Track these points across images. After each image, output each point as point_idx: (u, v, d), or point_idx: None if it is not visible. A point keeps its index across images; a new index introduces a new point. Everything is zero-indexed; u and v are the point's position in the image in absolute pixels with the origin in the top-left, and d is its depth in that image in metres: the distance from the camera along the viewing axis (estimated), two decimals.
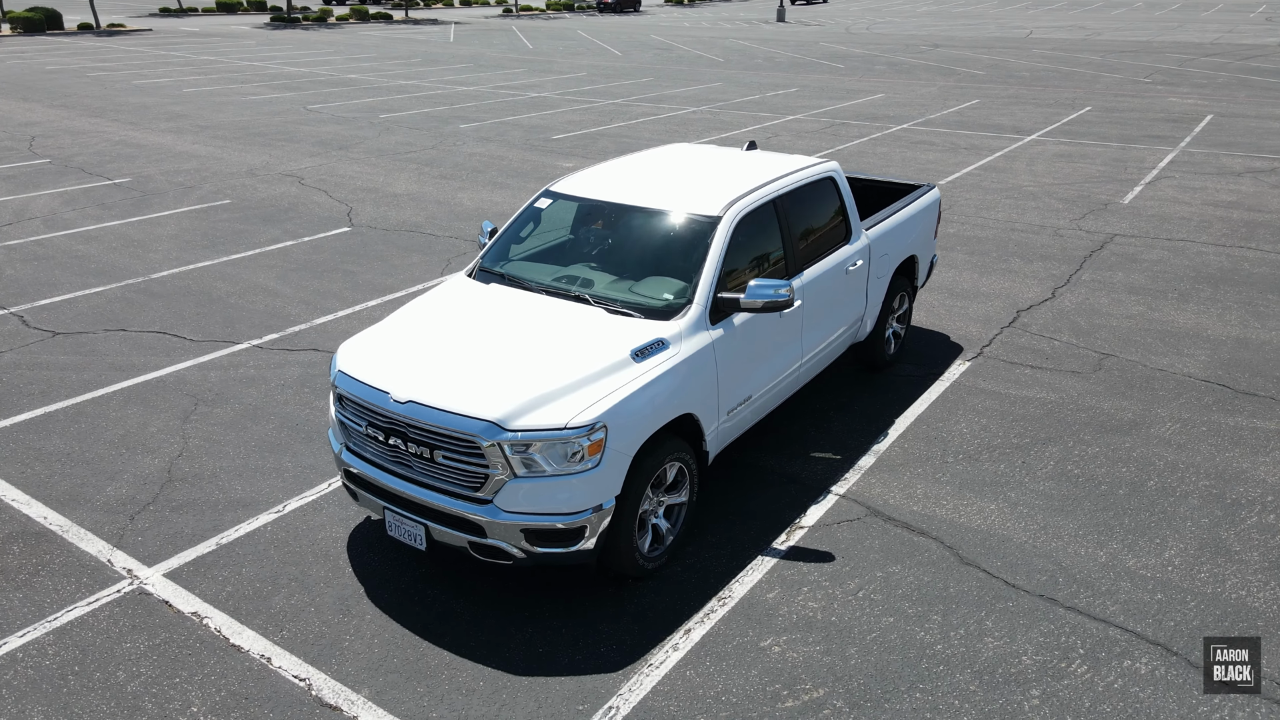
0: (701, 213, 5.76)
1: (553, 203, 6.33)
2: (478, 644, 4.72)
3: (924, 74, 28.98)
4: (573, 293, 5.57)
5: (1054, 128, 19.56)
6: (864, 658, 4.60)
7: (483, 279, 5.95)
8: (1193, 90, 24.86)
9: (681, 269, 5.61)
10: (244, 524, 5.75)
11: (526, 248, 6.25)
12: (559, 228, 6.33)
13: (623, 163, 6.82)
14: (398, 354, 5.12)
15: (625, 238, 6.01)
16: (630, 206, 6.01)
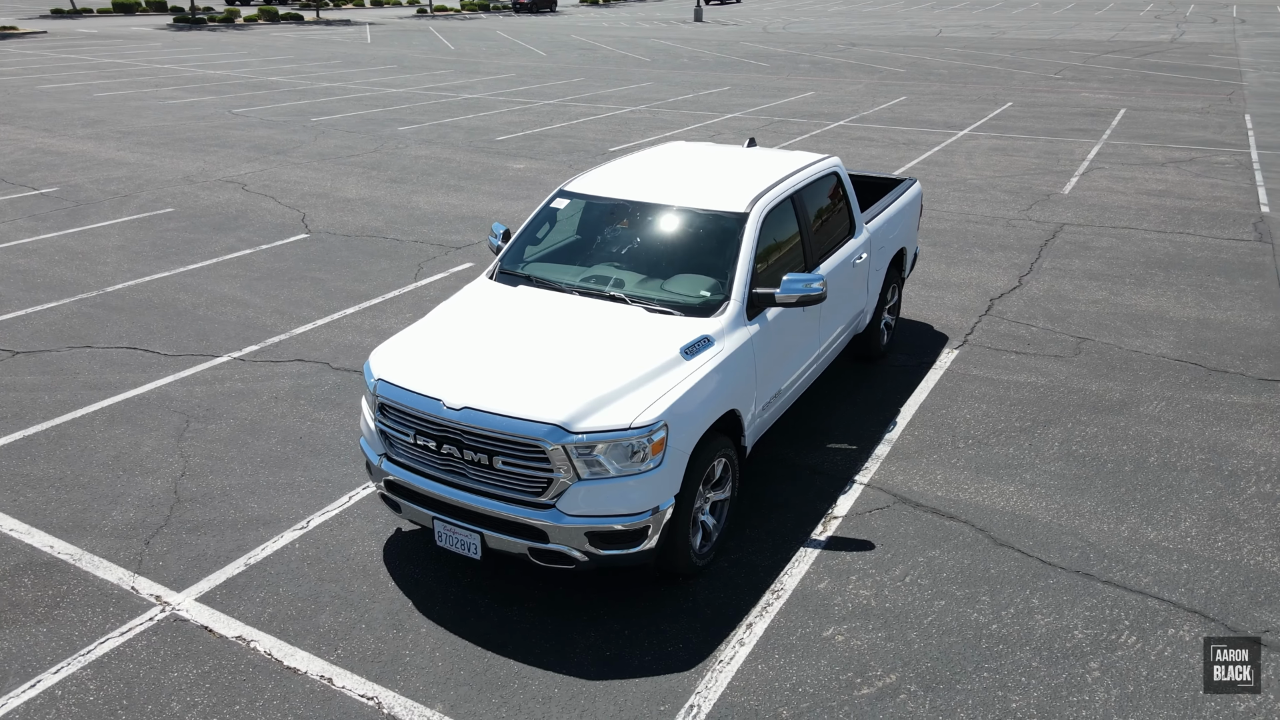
0: (728, 209, 5.79)
1: (569, 203, 6.28)
2: (542, 651, 4.66)
3: (848, 72, 29.63)
4: (607, 292, 5.54)
5: (982, 123, 20.24)
6: (925, 641, 4.71)
7: (509, 281, 5.87)
8: (1102, 85, 26.03)
9: (712, 266, 5.64)
10: (269, 542, 5.54)
11: (546, 248, 6.19)
12: (576, 228, 6.28)
13: (631, 162, 6.81)
14: (440, 359, 5.01)
15: (650, 236, 6.00)
16: (654, 205, 6.01)
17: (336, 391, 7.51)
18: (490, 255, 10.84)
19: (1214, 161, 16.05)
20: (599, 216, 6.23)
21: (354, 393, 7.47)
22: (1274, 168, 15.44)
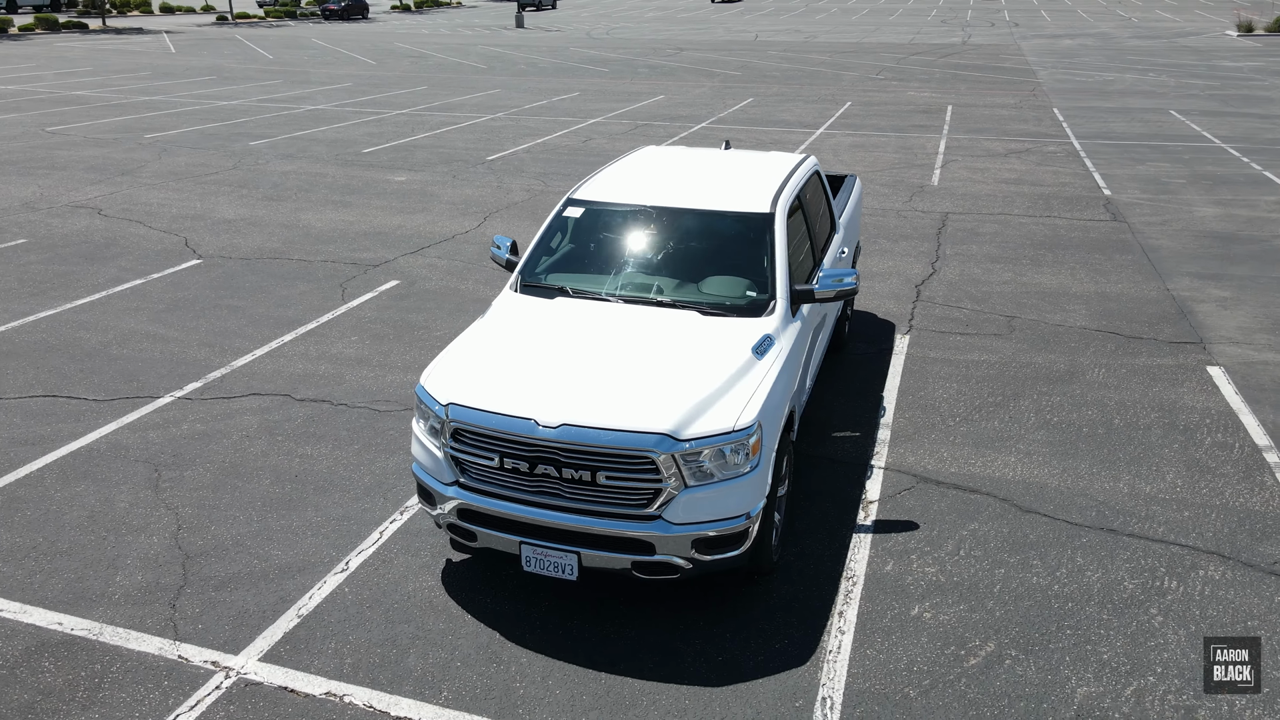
0: (754, 210, 5.90)
1: (583, 211, 6.19)
2: (654, 665, 4.60)
3: (687, 76, 30.41)
4: (652, 298, 5.52)
5: (832, 121, 21.35)
6: (1004, 609, 5.00)
7: (542, 294, 5.72)
8: (922, 85, 28.04)
9: (745, 266, 5.74)
10: (314, 590, 5.15)
11: (567, 258, 6.07)
12: (593, 235, 6.19)
13: (627, 168, 6.79)
14: (512, 377, 4.83)
15: (677, 240, 6.02)
16: (678, 209, 6.03)
17: (313, 424, 7.04)
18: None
19: (1046, 151, 17.68)
20: (617, 223, 6.17)
21: (333, 424, 7.03)
22: (1097, 155, 17.19)
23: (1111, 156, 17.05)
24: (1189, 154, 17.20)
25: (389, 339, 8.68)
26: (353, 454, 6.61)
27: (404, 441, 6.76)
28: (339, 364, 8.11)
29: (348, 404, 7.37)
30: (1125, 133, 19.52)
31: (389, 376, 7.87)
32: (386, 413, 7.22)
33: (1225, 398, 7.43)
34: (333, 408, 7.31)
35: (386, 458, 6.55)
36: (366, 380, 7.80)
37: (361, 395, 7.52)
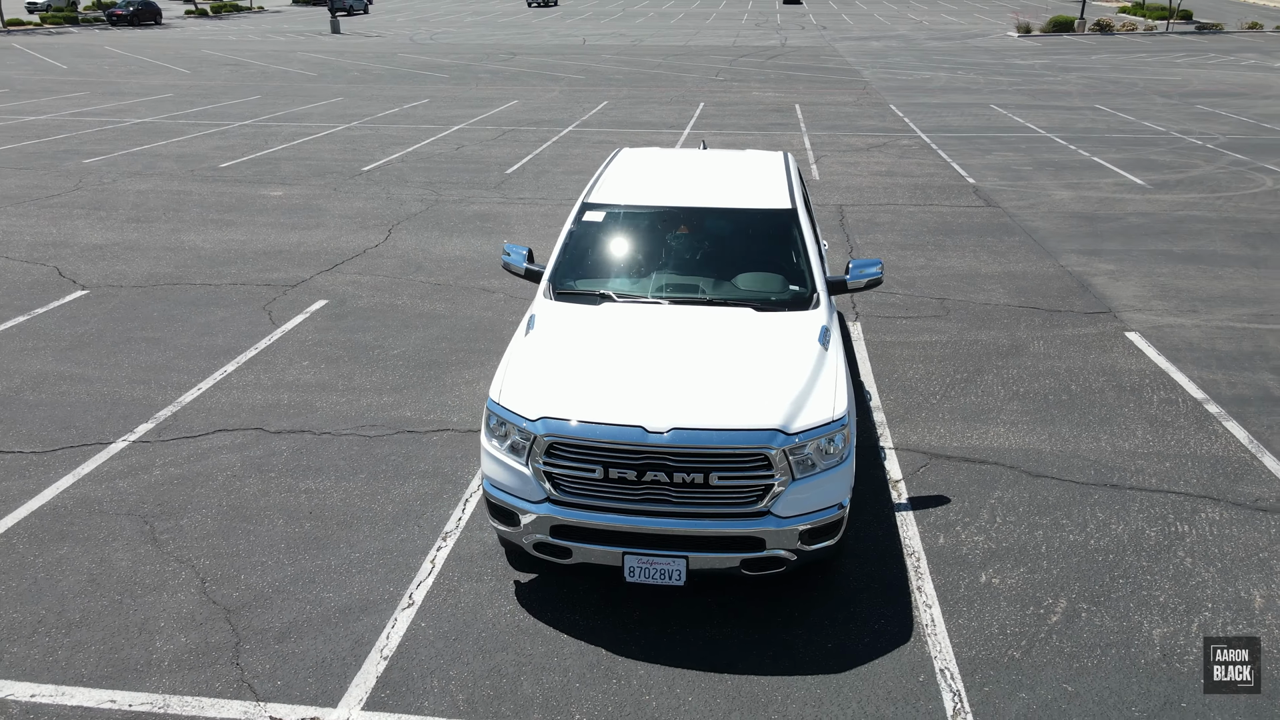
0: (777, 206, 6.03)
1: (605, 215, 6.10)
2: (770, 660, 4.63)
3: (531, 80, 30.25)
4: (701, 298, 5.53)
5: (694, 121, 21.86)
6: (1059, 567, 5.37)
7: (583, 300, 5.59)
8: (763, 85, 29.19)
9: (778, 262, 5.86)
10: (387, 628, 4.84)
11: (595, 262, 5.97)
12: (615, 239, 6.10)
13: (626, 170, 6.74)
14: (599, 387, 4.72)
15: (705, 239, 6.04)
16: (703, 208, 6.07)
17: (303, 457, 6.56)
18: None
19: (902, 145, 18.87)
20: (641, 225, 6.12)
21: (325, 455, 6.58)
22: (947, 147, 18.53)
23: (959, 148, 18.42)
24: (1024, 144, 18.83)
25: (345, 361, 8.20)
26: (361, 485, 6.22)
27: (413, 466, 6.43)
28: (301, 391, 7.59)
29: (331, 432, 6.92)
30: (962, 125, 21.12)
31: (363, 400, 7.44)
32: (378, 438, 6.83)
33: (1152, 359, 8.25)
34: (316, 438, 6.84)
35: (400, 484, 6.21)
36: (340, 406, 7.34)
37: (342, 422, 7.07)
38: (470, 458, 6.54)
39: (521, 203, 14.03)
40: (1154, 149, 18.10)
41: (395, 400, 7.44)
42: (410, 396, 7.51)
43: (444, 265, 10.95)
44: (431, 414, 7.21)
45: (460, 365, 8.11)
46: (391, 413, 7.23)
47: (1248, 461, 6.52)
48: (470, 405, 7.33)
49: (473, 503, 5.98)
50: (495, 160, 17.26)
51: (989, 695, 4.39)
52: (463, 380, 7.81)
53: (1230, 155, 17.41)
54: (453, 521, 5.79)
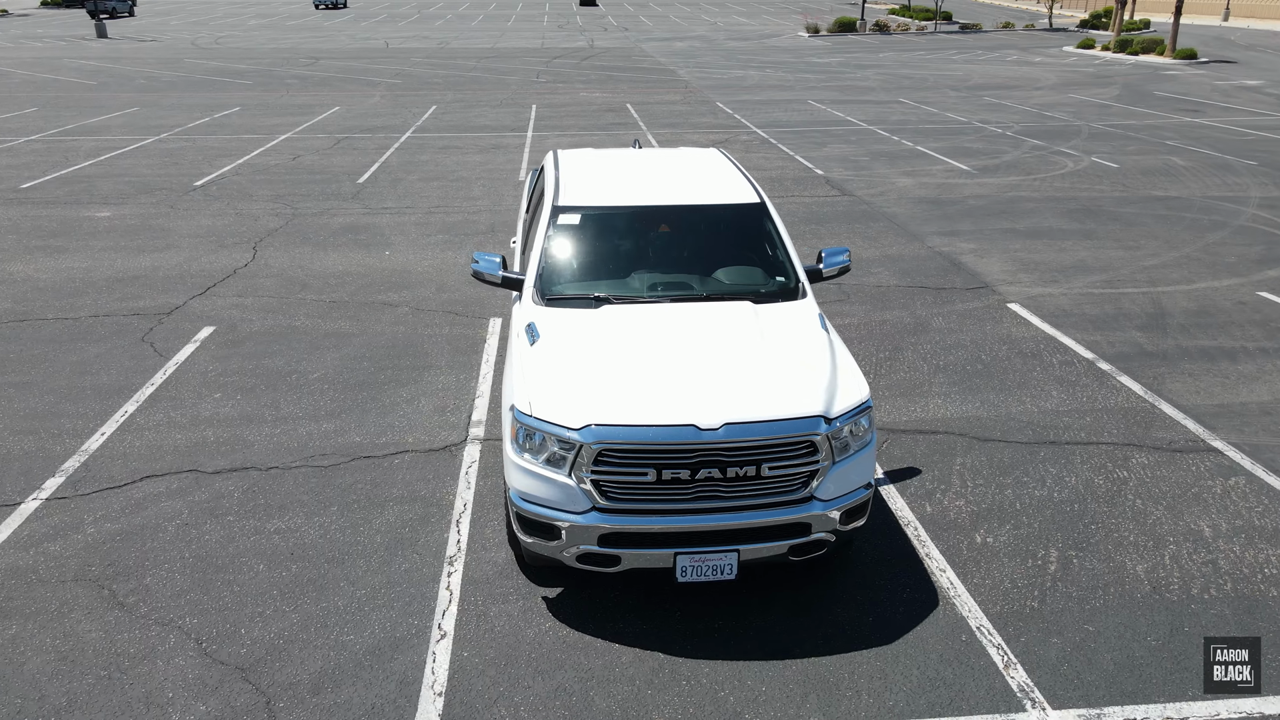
0: (746, 201, 6.15)
1: (581, 218, 5.99)
2: (824, 642, 4.74)
3: (346, 85, 28.99)
4: (699, 294, 5.57)
5: (534, 123, 21.72)
6: (1036, 521, 5.82)
7: (579, 305, 5.47)
8: (587, 86, 29.39)
9: (756, 254, 5.98)
10: (429, 664, 4.57)
11: (578, 265, 5.85)
12: (593, 240, 5.99)
13: (581, 171, 6.63)
14: (633, 390, 4.65)
15: (681, 236, 6.06)
16: (676, 206, 6.08)
17: (258, 494, 6.05)
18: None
19: (743, 140, 19.60)
20: (618, 225, 6.06)
21: (281, 492, 6.10)
22: (785, 141, 19.43)
23: (796, 142, 19.35)
24: (853, 136, 20.04)
25: (262, 390, 7.60)
26: (336, 518, 5.81)
27: (384, 493, 6.07)
28: (227, 426, 6.98)
29: (279, 466, 6.41)
30: (791, 120, 22.19)
31: (300, 430, 6.93)
32: (335, 468, 6.39)
33: (1038, 326, 9.06)
34: (264, 474, 6.32)
35: (379, 513, 5.85)
36: (277, 438, 6.81)
37: (287, 455, 6.57)
38: (443, 477, 6.26)
39: (388, 213, 13.46)
40: (965, 138, 19.76)
41: (337, 426, 6.98)
42: (352, 421, 7.07)
43: (331, 282, 10.34)
44: (383, 437, 6.83)
45: (393, 384, 7.71)
46: (338, 439, 6.78)
47: (1150, 410, 7.31)
48: (421, 424, 7.00)
49: (467, 524, 5.74)
50: (340, 170, 16.44)
51: (1028, 645, 4.71)
52: (402, 399, 7.44)
53: (1030, 141, 19.29)
54: (452, 545, 5.53)
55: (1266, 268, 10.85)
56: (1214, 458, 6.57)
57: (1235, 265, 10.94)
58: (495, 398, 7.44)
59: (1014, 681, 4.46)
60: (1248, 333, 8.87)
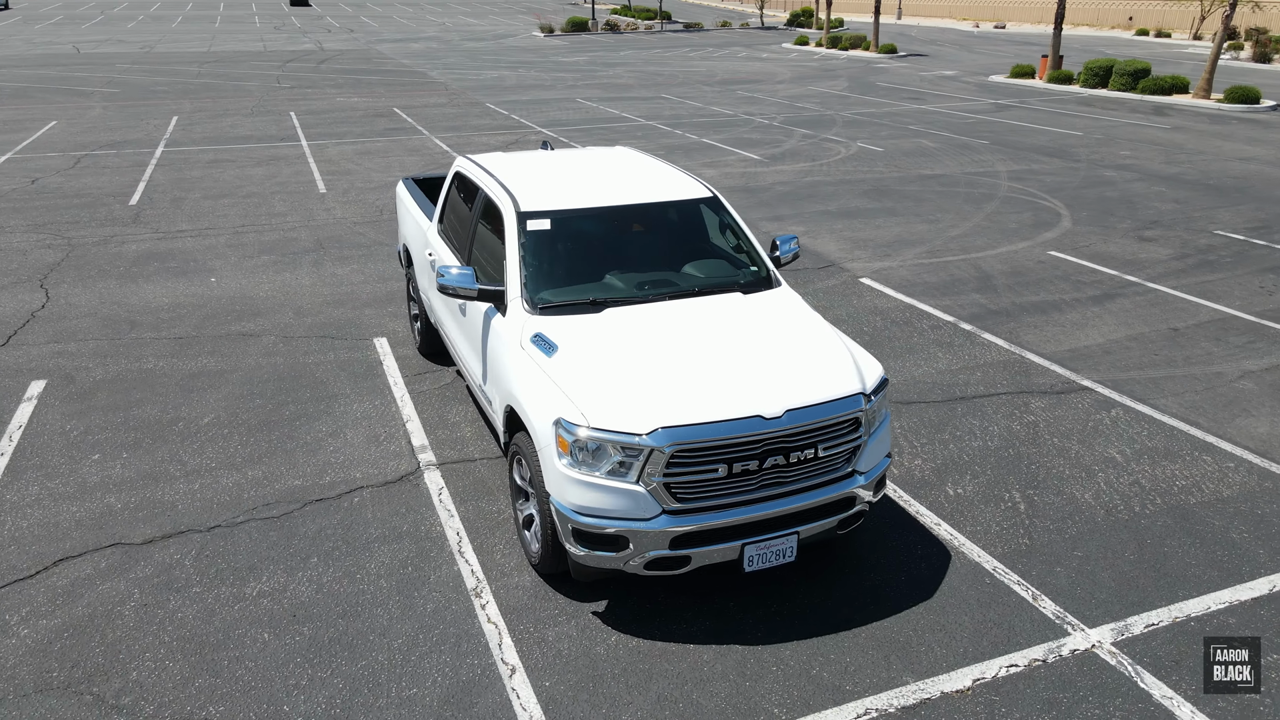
0: (698, 195, 6.23)
1: (550, 223, 5.78)
2: (875, 607, 4.98)
3: (53, 97, 25.53)
4: (691, 289, 5.60)
5: (305, 133, 20.35)
6: (988, 469, 6.42)
7: (576, 311, 5.30)
8: (341, 90, 27.88)
9: (725, 246, 6.12)
10: (515, 702, 4.30)
11: (564, 271, 5.65)
12: (564, 244, 5.80)
13: (518, 175, 6.38)
14: (684, 389, 4.61)
15: (648, 233, 6.04)
16: (639, 205, 6.04)
17: (212, 559, 5.34)
18: None
19: (536, 140, 19.55)
20: (586, 228, 5.90)
21: (247, 553, 5.42)
22: (578, 139, 19.62)
23: (588, 139, 19.60)
24: (638, 132, 20.62)
25: (150, 444, 6.67)
26: (322, 569, 5.27)
27: (362, 535, 5.58)
28: (128, 490, 6.07)
29: (223, 524, 5.69)
30: (571, 119, 22.41)
31: (223, 481, 6.17)
32: (289, 516, 5.77)
33: (896, 297, 9.91)
34: (208, 535, 5.58)
35: (369, 557, 5.37)
36: (200, 494, 6.02)
37: (222, 511, 5.83)
38: (416, 509, 5.85)
39: (186, 236, 12.12)
40: (741, 129, 20.96)
41: (266, 472, 6.28)
42: (280, 464, 6.39)
43: (164, 317, 9.20)
44: (325, 476, 6.24)
45: (304, 419, 7.04)
46: (275, 486, 6.11)
47: (1021, 360, 8.27)
48: (360, 457, 6.48)
49: (472, 553, 5.41)
50: (100, 191, 14.55)
51: (1040, 578, 5.23)
52: (324, 434, 6.82)
53: (798, 130, 20.83)
54: (469, 577, 5.20)
55: (1043, 231, 12.54)
56: (1089, 395, 7.57)
57: (1019, 230, 12.54)
58: (429, 420, 7.03)
59: (1047, 611, 4.95)
60: (1058, 287, 10.24)
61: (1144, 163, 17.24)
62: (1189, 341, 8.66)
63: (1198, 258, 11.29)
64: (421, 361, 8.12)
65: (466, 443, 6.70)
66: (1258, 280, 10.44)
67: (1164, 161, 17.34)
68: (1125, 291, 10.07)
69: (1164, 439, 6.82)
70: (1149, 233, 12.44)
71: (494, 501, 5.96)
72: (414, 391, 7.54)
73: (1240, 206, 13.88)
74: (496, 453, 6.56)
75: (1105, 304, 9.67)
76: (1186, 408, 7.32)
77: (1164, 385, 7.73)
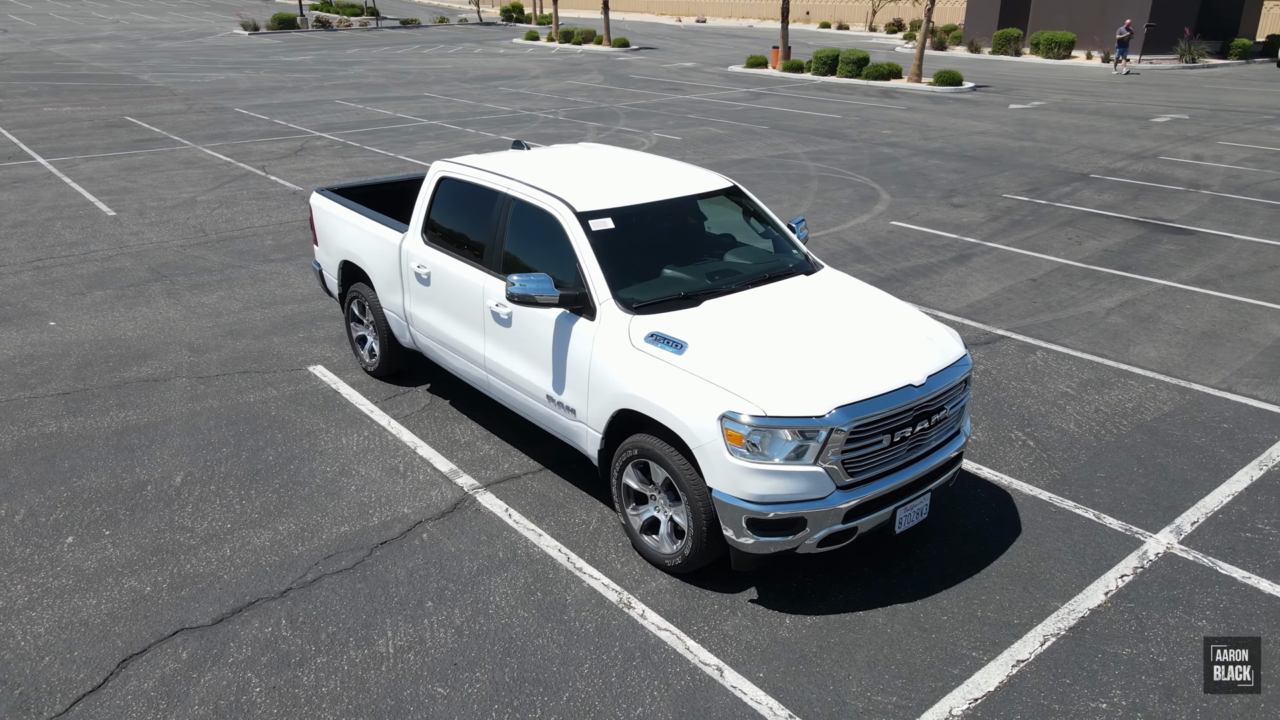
0: (723, 186, 6.32)
1: (614, 222, 5.61)
2: (986, 557, 5.46)
3: None
4: (761, 277, 5.70)
5: (33, 147, 17.60)
6: (979, 412, 7.13)
7: (672, 307, 5.23)
8: (49, 99, 24.26)
9: (764, 233, 6.29)
10: (755, 692, 4.28)
11: (640, 269, 5.53)
12: (632, 243, 5.66)
13: (546, 173, 6.11)
14: (829, 369, 4.76)
15: (697, 226, 6.09)
16: (686, 197, 6.04)
17: (310, 625, 4.72)
18: None
19: (325, 145, 18.29)
20: (645, 223, 5.79)
21: (337, 609, 4.83)
22: (370, 141, 18.60)
23: (381, 142, 18.65)
24: (429, 132, 19.90)
25: (128, 516, 5.68)
26: (445, 612, 4.82)
27: (456, 570, 5.17)
28: (145, 571, 5.16)
29: (295, 587, 5.01)
30: (345, 121, 21.15)
31: (255, 541, 5.42)
32: (360, 566, 5.21)
33: None
34: (285, 600, 4.90)
35: (484, 591, 5.00)
36: (248, 557, 5.25)
37: (282, 573, 5.14)
38: (493, 534, 5.50)
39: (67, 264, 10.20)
40: (531, 125, 20.89)
41: (299, 525, 5.60)
42: (307, 514, 5.72)
43: (25, 372, 7.75)
44: (370, 518, 5.68)
45: (297, 462, 6.32)
46: (322, 537, 5.48)
47: (939, 319, 9.15)
48: (393, 493, 5.95)
49: (589, 567, 5.20)
50: None
51: (1088, 500, 5.94)
52: (331, 473, 6.17)
53: (590, 124, 21.12)
54: (607, 591, 5.01)
55: (872, 204, 13.79)
56: (1010, 342, 8.59)
57: (852, 205, 13.71)
58: (439, 443, 6.57)
59: (1115, 526, 5.66)
60: (919, 252, 11.38)
61: (907, 140, 19.39)
62: (1050, 289, 10.03)
63: (1007, 218, 13.00)
64: (382, 385, 7.52)
65: (495, 460, 6.36)
66: (1063, 233, 12.23)
67: (921, 139, 19.61)
68: (974, 252, 11.41)
69: (1092, 371, 7.92)
70: (956, 200, 14.10)
71: (570, 513, 5.74)
72: (398, 416, 6.98)
73: (1005, 174, 16.08)
74: (534, 466, 6.29)
75: (967, 263, 10.91)
76: (1088, 343, 8.52)
77: (1059, 327, 8.92)
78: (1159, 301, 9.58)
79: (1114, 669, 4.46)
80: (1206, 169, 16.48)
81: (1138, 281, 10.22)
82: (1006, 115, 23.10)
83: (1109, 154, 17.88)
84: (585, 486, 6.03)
